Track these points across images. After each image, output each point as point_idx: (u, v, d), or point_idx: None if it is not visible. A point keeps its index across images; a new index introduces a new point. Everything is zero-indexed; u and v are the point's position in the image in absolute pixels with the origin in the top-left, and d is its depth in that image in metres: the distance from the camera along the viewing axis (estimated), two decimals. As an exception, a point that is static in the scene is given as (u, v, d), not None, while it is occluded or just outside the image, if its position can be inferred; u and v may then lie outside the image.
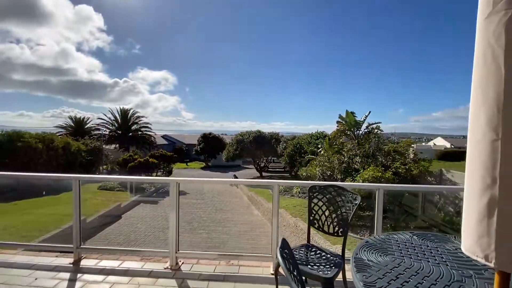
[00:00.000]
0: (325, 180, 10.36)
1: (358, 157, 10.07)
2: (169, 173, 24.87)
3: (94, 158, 23.18)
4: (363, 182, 8.54)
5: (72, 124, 36.40)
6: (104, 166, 25.18)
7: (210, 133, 44.18)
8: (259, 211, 15.92)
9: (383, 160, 10.00)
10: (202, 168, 38.56)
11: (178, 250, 2.73)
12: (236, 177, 24.35)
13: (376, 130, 12.22)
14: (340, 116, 11.95)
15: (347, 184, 2.72)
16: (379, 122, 12.25)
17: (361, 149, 10.61)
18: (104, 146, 27.58)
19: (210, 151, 41.31)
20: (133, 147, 35.78)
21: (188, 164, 42.40)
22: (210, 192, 20.69)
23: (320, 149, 12.54)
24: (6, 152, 15.58)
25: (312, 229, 2.38)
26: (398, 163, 9.48)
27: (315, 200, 2.33)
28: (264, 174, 29.40)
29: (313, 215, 2.33)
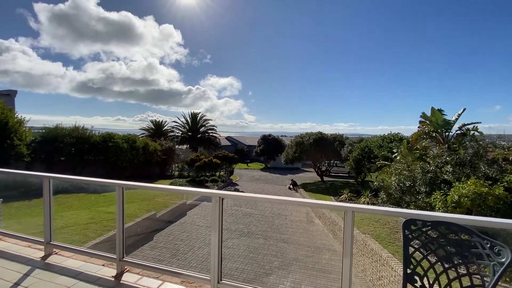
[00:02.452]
0: (403, 193, 8.62)
1: (449, 166, 8.01)
2: (230, 173, 25.75)
3: (168, 157, 25.79)
4: (459, 198, 6.64)
5: (153, 126, 41.70)
6: (176, 165, 27.78)
7: (269, 135, 44.33)
8: (320, 220, 14.73)
9: (488, 171, 7.69)
10: (262, 170, 38.85)
11: (221, 280, 2.24)
12: (294, 182, 23.42)
13: (473, 132, 9.65)
14: (424, 115, 9.86)
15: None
16: (478, 122, 9.61)
17: (453, 155, 8.45)
18: (176, 146, 30.55)
19: (270, 152, 41.37)
20: (200, 147, 38.72)
21: (249, 164, 43.43)
22: (269, 195, 20.41)
23: (396, 154, 10.63)
24: (101, 150, 18.61)
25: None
26: (512, 175, 7.11)
27: (416, 244, 1.50)
28: (325, 178, 27.57)
29: (412, 267, 1.50)
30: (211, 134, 42.74)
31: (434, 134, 9.73)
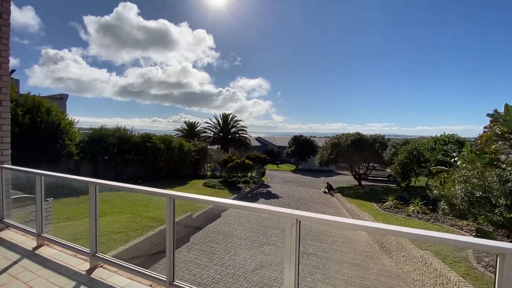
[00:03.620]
0: (471, 204, 7.37)
1: (534, 174, 6.61)
2: (262, 174, 25.35)
3: (201, 157, 26.22)
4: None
5: (186, 127, 43.05)
6: (208, 164, 28.17)
7: (300, 136, 43.14)
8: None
9: None
10: (293, 171, 37.88)
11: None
12: (330, 186, 22.20)
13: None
14: (496, 113, 8.41)
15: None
16: None
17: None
18: (208, 146, 31.04)
19: (301, 154, 40.22)
20: (231, 147, 39.02)
21: (279, 166, 42.70)
22: (303, 199, 19.54)
23: (456, 158, 9.23)
24: (140, 150, 19.41)
25: None
26: None
27: None
28: (363, 182, 25.83)
29: None
30: (241, 134, 42.90)
31: (509, 136, 8.23)
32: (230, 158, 22.94)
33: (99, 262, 2.81)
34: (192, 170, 26.03)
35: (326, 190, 21.92)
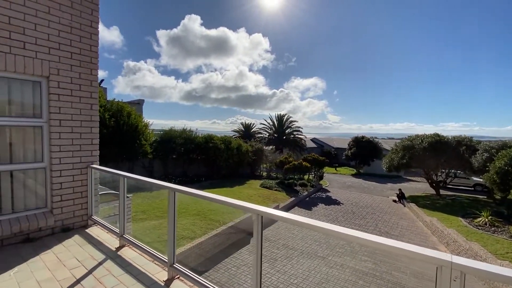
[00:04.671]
0: None
1: None
2: (320, 177, 24.03)
3: (257, 158, 26.39)
4: None
5: (243, 128, 44.31)
6: (264, 165, 28.19)
7: (362, 137, 39.65)
8: (448, 247, 11.34)
9: None
10: (353, 175, 35.03)
11: None
12: (402, 193, 19.50)
13: None
14: None
15: None
16: None
17: None
18: (264, 147, 31.14)
19: (363, 156, 36.90)
20: (286, 148, 38.41)
21: (337, 169, 40.12)
22: (369, 207, 17.59)
23: None
24: (203, 150, 20.52)
25: None
26: None
27: None
28: (442, 192, 22.04)
29: None
30: (296, 135, 41.89)
31: None
32: (286, 160, 22.38)
33: (176, 274, 2.62)
34: (249, 170, 26.41)
35: (397, 199, 19.36)
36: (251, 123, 45.81)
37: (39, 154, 3.61)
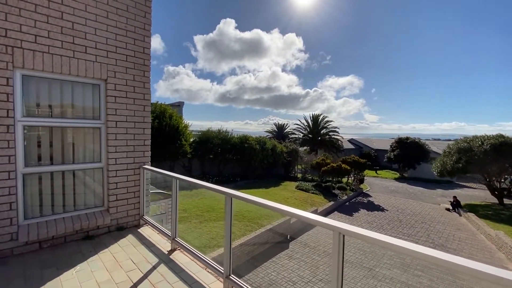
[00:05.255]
0: None
1: None
2: (360, 181, 22.64)
3: (292, 159, 25.85)
4: None
5: (276, 129, 43.91)
6: (299, 166, 27.51)
7: (407, 138, 36.56)
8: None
9: None
10: (397, 179, 32.46)
11: None
12: (458, 201, 17.38)
13: None
14: None
15: None
16: None
17: None
18: (298, 148, 30.39)
19: (408, 159, 33.97)
20: (321, 149, 37.07)
21: (378, 172, 37.58)
22: (418, 215, 16.00)
23: None
24: (238, 150, 20.68)
25: None
26: None
27: None
28: (506, 201, 19.20)
29: None
30: (332, 136, 40.16)
31: None
32: (323, 162, 21.49)
33: (232, 286, 2.42)
34: (283, 171, 25.99)
35: (451, 207, 17.34)
36: (284, 124, 45.19)
37: (97, 154, 3.73)
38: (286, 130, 44.17)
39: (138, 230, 3.86)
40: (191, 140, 18.84)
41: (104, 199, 3.80)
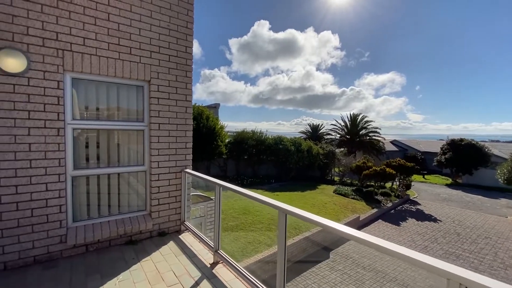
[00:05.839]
0: None
1: None
2: (407, 187, 20.62)
3: (328, 161, 24.67)
4: None
5: (310, 130, 42.58)
6: (336, 169, 26.16)
7: (461, 139, 32.63)
8: None
9: None
10: (449, 186, 29.09)
11: None
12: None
13: None
14: None
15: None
16: None
17: None
18: (335, 150, 28.95)
19: (462, 163, 30.26)
20: (359, 151, 34.91)
21: (426, 177, 34.16)
22: (479, 229, 13.90)
23: None
24: (273, 151, 20.31)
25: None
26: None
27: None
28: None
29: None
30: (373, 137, 37.60)
31: None
32: (364, 165, 20.03)
33: (287, 319, 2.05)
34: (319, 174, 24.93)
35: (522, 221, 14.79)
36: (319, 124, 43.58)
37: (140, 157, 3.67)
38: (321, 131, 42.58)
39: (179, 236, 3.70)
40: (227, 141, 18.98)
41: (147, 204, 3.72)
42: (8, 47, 2.62)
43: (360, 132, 38.18)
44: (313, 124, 43.84)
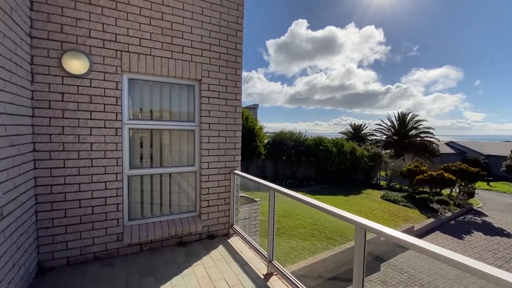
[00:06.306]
0: None
1: None
2: (469, 195, 18.09)
3: (374, 164, 22.94)
4: None
5: (351, 130, 40.26)
6: (383, 173, 24.22)
7: (539, 141, 27.65)
8: None
9: None
10: (523, 195, 24.81)
11: None
12: None
13: None
14: None
15: None
16: None
17: None
18: (381, 152, 26.82)
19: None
20: (409, 154, 31.85)
21: (491, 184, 29.75)
22: None
23: None
24: (313, 153, 19.57)
25: None
26: None
27: None
28: None
29: None
30: (424, 138, 34.04)
31: None
32: (418, 169, 18.10)
33: None
34: (362, 177, 23.34)
35: None
36: (361, 124, 40.98)
37: (191, 157, 3.61)
38: (363, 131, 39.99)
39: (228, 240, 3.55)
40: (265, 141, 18.85)
41: (196, 205, 3.65)
42: (73, 50, 2.72)
43: (410, 133, 34.91)
44: (354, 124, 41.42)
